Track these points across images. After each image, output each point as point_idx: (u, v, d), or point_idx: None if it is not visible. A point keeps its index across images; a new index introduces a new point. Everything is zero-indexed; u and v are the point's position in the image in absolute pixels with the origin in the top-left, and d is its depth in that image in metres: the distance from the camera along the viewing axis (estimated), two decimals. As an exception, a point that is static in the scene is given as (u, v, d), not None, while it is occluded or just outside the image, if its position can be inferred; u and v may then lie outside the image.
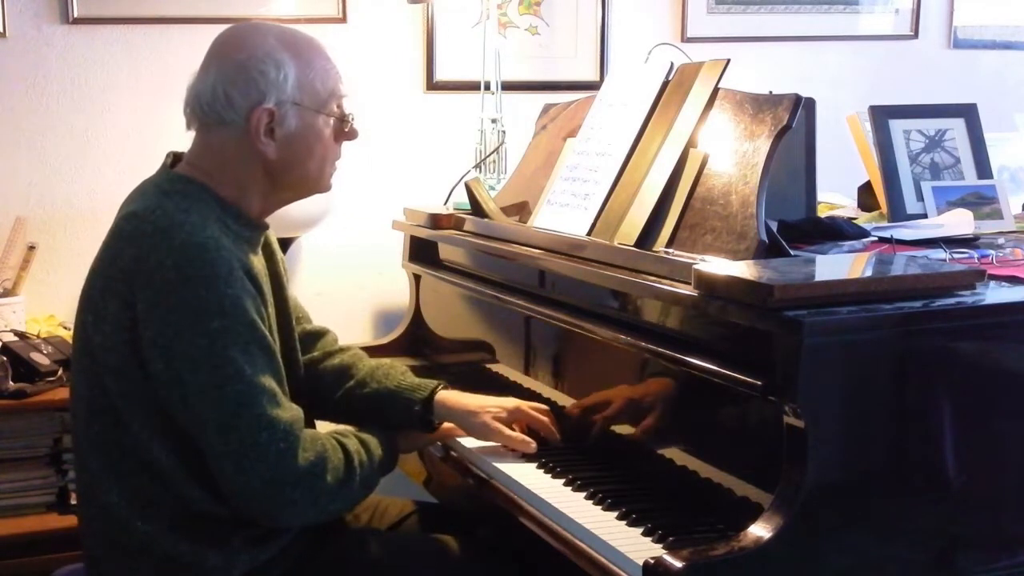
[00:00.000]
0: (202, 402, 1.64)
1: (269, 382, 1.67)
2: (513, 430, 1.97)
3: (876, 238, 2.12)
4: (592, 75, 3.22)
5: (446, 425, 2.00)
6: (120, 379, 1.68)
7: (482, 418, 1.95)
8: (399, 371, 2.05)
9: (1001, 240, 2.19)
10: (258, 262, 1.80)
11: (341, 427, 1.90)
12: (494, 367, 2.32)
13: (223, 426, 1.63)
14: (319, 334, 2.10)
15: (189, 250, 1.65)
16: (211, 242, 1.67)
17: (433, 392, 1.97)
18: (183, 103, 1.80)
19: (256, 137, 1.75)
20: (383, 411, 1.98)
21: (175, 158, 1.84)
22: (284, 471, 1.65)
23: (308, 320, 2.11)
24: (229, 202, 1.77)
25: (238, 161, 1.77)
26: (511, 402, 2.00)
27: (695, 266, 1.65)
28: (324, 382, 2.04)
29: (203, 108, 1.76)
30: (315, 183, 1.85)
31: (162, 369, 1.65)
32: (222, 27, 1.84)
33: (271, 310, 1.81)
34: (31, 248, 2.69)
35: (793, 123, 1.81)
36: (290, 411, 1.69)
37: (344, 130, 1.85)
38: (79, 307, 1.77)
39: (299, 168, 1.81)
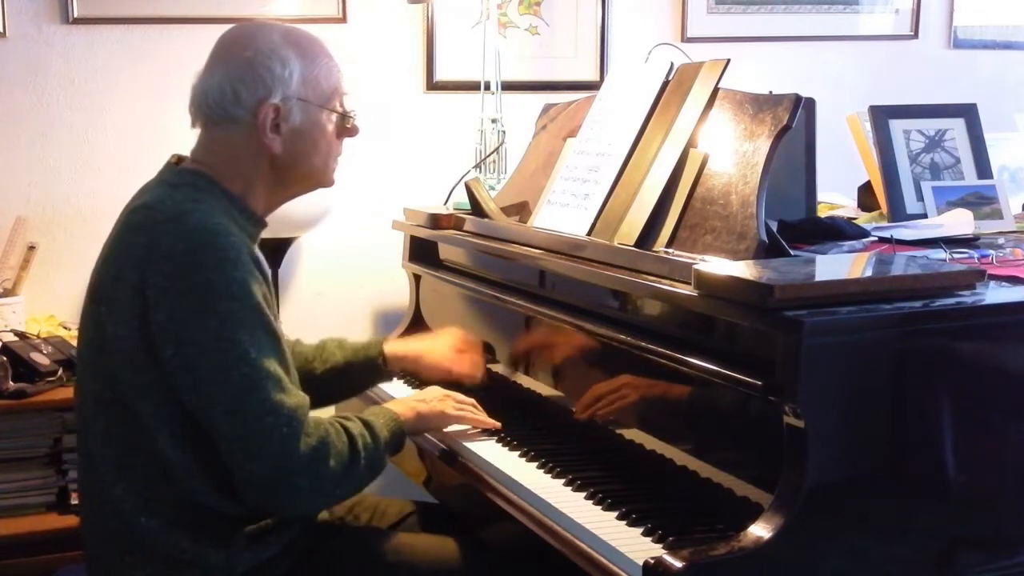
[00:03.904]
0: (211, 386, 1.64)
1: (274, 367, 1.68)
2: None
3: (876, 238, 2.12)
4: (592, 75, 3.22)
5: (450, 414, 2.02)
6: (130, 368, 1.69)
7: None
8: (342, 341, 2.19)
9: (1001, 240, 2.19)
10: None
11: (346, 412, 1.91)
12: (494, 367, 2.31)
13: (230, 410, 1.64)
14: None
15: (201, 235, 1.67)
16: (221, 227, 1.70)
17: (382, 343, 2.17)
18: (188, 101, 1.82)
19: (263, 132, 1.78)
20: (346, 378, 2.10)
21: (179, 159, 1.85)
22: (288, 457, 1.65)
23: None
24: (235, 195, 1.80)
25: (245, 156, 1.81)
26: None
27: (695, 266, 1.65)
28: None
29: (210, 105, 1.79)
30: (320, 177, 1.89)
31: (172, 354, 1.66)
32: (222, 27, 1.85)
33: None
34: (31, 248, 2.69)
35: (793, 123, 1.81)
36: (295, 396, 1.69)
37: (346, 126, 1.89)
38: (87, 300, 1.77)
39: (304, 162, 1.84)
